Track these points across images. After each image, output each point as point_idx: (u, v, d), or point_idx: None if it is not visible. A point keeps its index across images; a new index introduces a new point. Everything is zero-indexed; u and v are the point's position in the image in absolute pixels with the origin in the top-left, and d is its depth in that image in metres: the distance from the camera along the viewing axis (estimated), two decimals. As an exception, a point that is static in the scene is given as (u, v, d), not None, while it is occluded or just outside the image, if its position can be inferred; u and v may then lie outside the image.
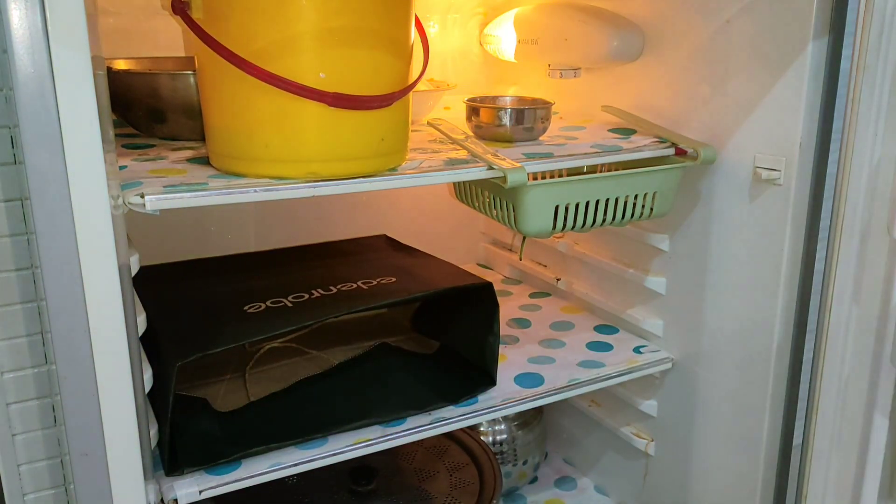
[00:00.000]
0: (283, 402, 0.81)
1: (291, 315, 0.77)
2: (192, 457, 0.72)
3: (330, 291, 0.82)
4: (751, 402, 0.85)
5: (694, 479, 0.95)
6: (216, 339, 0.72)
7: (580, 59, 0.96)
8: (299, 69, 0.63)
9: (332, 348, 0.91)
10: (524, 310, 1.11)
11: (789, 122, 0.76)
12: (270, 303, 0.79)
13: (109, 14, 0.95)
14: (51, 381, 0.68)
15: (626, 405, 1.04)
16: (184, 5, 0.65)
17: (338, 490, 0.92)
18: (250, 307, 0.78)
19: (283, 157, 0.66)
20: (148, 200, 0.61)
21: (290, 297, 0.80)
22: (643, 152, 0.85)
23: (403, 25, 0.69)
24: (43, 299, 0.65)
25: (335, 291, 0.82)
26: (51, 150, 0.53)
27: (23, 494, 0.69)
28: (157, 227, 0.87)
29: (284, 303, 0.79)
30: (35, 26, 0.52)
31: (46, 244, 0.55)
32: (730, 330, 0.87)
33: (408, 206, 1.20)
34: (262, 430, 0.76)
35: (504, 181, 0.74)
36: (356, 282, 0.85)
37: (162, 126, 0.81)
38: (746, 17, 0.79)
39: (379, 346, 0.91)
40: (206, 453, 0.73)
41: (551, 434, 1.20)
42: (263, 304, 0.79)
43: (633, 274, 0.99)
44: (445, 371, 0.88)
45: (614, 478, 1.11)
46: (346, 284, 0.84)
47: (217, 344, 0.71)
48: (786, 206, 0.78)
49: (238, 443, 0.74)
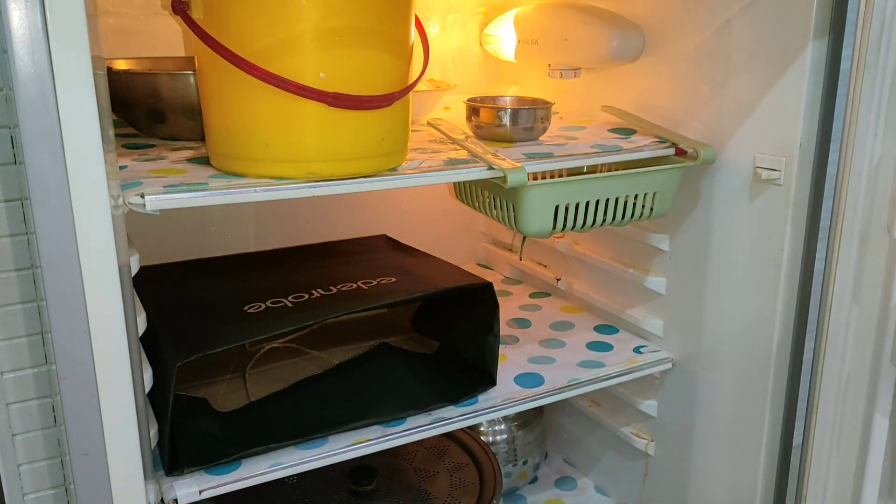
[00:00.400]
0: (283, 402, 0.81)
1: (291, 315, 0.77)
2: (191, 457, 0.72)
3: (330, 292, 0.82)
4: (751, 402, 0.85)
5: (694, 480, 0.95)
6: (216, 339, 0.72)
7: (580, 59, 0.96)
8: (299, 69, 0.63)
9: (333, 348, 0.91)
10: (524, 310, 1.11)
11: (789, 122, 0.76)
12: (270, 303, 0.79)
13: (109, 14, 0.95)
14: (51, 381, 0.68)
15: (627, 405, 1.04)
16: (184, 5, 0.65)
17: (338, 490, 0.92)
18: (250, 307, 0.78)
19: (283, 157, 0.66)
20: (148, 200, 0.61)
21: (290, 298, 0.81)
22: (643, 152, 0.85)
23: (403, 25, 0.69)
24: (43, 299, 0.65)
25: (335, 292, 0.82)
26: (51, 150, 0.53)
27: (23, 494, 0.69)
28: (157, 227, 0.87)
29: (284, 303, 0.79)
30: (35, 26, 0.52)
31: (46, 244, 0.55)
32: (730, 330, 0.87)
33: (408, 206, 1.20)
34: (262, 430, 0.76)
35: (504, 181, 0.74)
36: (356, 282, 0.85)
37: (162, 126, 0.81)
38: (746, 17, 0.79)
39: (379, 346, 0.91)
40: (206, 453, 0.73)
41: (551, 434, 1.20)
42: (263, 304, 0.79)
43: (633, 274, 0.99)
44: (445, 371, 0.88)
45: (614, 478, 1.11)
46: (346, 285, 0.84)
47: (217, 344, 0.71)
48: (786, 207, 0.78)
49: (238, 443, 0.74)
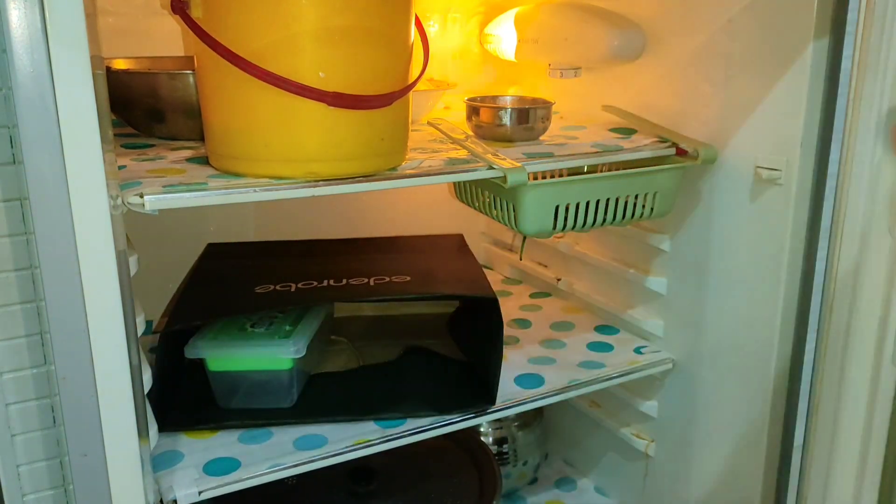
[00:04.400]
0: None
1: (287, 298, 0.81)
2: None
3: (341, 283, 0.85)
4: (751, 402, 0.85)
5: (694, 481, 0.95)
6: (205, 313, 0.81)
7: (580, 59, 0.96)
8: (299, 68, 0.63)
9: (369, 342, 0.96)
10: (524, 310, 1.10)
11: (790, 121, 0.76)
12: (279, 286, 0.83)
13: (109, 14, 0.95)
14: (50, 381, 0.68)
15: (627, 406, 1.04)
16: (183, 4, 0.65)
17: (337, 491, 0.92)
18: (261, 287, 0.83)
19: (283, 156, 0.66)
20: (147, 200, 0.61)
21: (300, 283, 0.84)
22: (644, 152, 0.85)
23: (403, 25, 0.69)
24: (42, 299, 0.65)
25: (344, 283, 0.85)
26: (50, 150, 0.53)
27: (22, 495, 0.69)
28: (157, 227, 0.87)
29: (291, 287, 0.83)
30: (34, 26, 0.51)
31: (46, 244, 0.55)
32: (731, 330, 0.87)
33: (408, 206, 1.20)
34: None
35: (504, 181, 0.74)
36: (370, 277, 0.87)
37: (161, 126, 0.81)
38: (747, 17, 0.79)
39: (408, 349, 0.94)
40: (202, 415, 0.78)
41: (551, 435, 1.20)
42: (274, 286, 0.84)
43: (633, 274, 0.99)
44: (458, 380, 0.88)
45: (614, 479, 1.11)
46: (357, 279, 0.86)
47: (203, 318, 0.81)
48: (787, 206, 0.78)
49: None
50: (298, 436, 0.78)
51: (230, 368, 0.79)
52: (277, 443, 0.77)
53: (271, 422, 0.79)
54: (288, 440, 0.77)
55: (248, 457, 0.74)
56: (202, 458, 0.74)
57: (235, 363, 0.79)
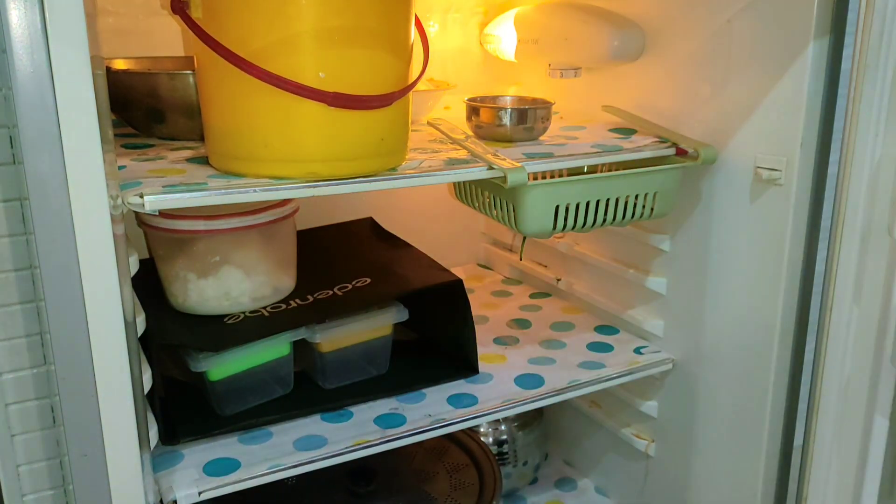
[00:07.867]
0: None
1: (266, 327, 0.80)
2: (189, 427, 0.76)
3: (307, 301, 0.85)
4: (752, 402, 0.85)
5: (694, 481, 0.95)
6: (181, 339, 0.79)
7: (580, 59, 0.96)
8: (299, 69, 0.63)
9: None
10: (524, 310, 1.10)
11: (790, 122, 0.76)
12: (249, 312, 0.83)
13: (109, 14, 0.95)
14: (50, 381, 0.68)
15: (627, 406, 1.04)
16: (183, 4, 0.65)
17: (337, 491, 0.92)
18: (229, 318, 0.81)
19: (283, 156, 0.66)
20: (147, 200, 0.61)
21: (268, 308, 0.83)
22: (644, 152, 0.85)
23: (403, 25, 0.69)
24: (42, 299, 0.65)
25: (311, 301, 0.85)
26: (50, 150, 0.53)
27: (22, 495, 0.69)
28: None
29: (262, 313, 0.83)
30: (34, 26, 0.51)
31: (46, 244, 0.55)
32: (731, 330, 0.87)
33: (408, 207, 1.20)
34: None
35: (504, 181, 0.74)
36: (332, 288, 0.87)
37: (161, 126, 0.81)
38: (747, 17, 0.79)
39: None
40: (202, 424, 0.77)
41: (552, 435, 1.20)
42: (243, 314, 0.83)
43: (633, 274, 0.99)
44: (428, 357, 0.92)
45: (615, 479, 1.11)
46: (322, 293, 0.86)
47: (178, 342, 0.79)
48: (787, 207, 0.78)
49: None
50: (298, 436, 0.78)
51: (232, 372, 0.79)
52: (277, 443, 0.77)
53: (271, 419, 0.80)
54: (288, 440, 0.77)
55: (247, 457, 0.74)
56: (202, 459, 0.74)
57: (236, 365, 0.79)
